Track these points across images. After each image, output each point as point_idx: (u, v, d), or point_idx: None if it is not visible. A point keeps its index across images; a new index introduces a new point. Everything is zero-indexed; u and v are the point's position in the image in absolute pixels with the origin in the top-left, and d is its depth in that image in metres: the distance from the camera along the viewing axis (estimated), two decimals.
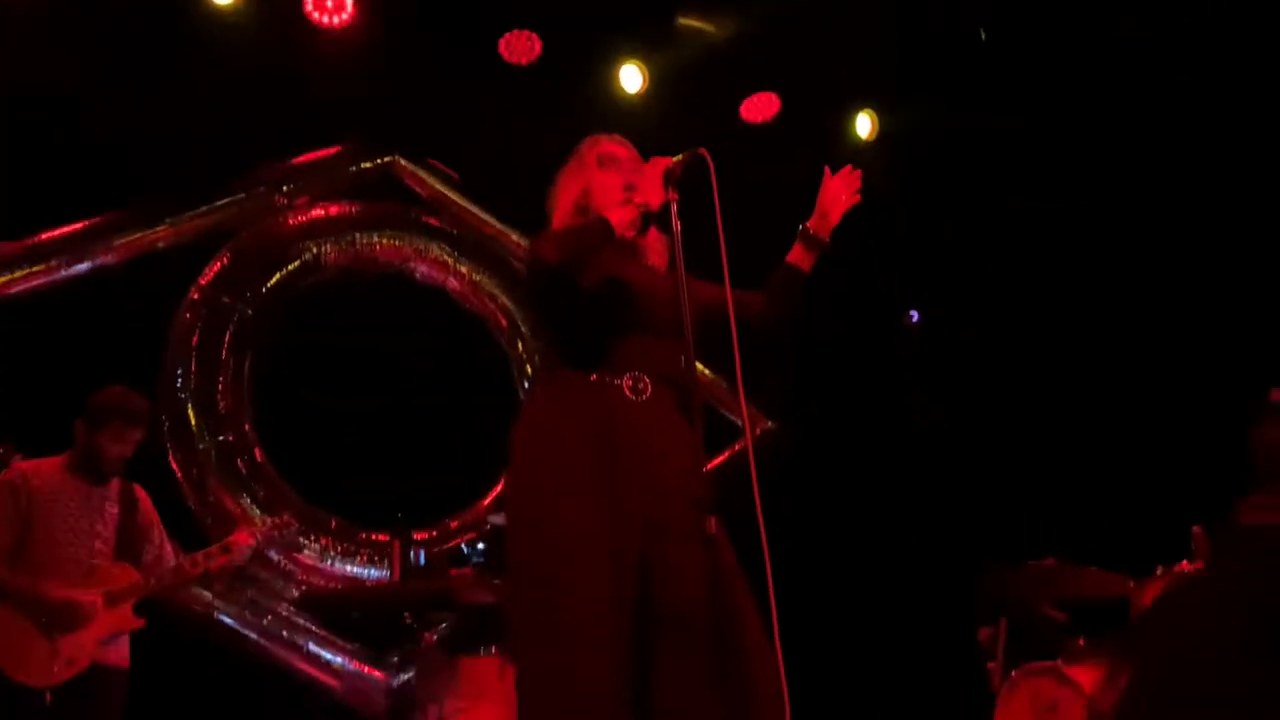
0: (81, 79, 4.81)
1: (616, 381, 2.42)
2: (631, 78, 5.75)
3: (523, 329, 5.83)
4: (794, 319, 2.71)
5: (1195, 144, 5.24)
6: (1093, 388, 5.60)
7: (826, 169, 2.73)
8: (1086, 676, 3.58)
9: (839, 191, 2.71)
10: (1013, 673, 3.81)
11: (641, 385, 2.43)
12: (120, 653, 3.71)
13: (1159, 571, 3.55)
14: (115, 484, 3.85)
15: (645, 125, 5.52)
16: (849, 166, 2.73)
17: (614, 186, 2.61)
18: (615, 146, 2.71)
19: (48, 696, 3.44)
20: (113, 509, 3.79)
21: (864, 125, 6.14)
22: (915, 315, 6.93)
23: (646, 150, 2.74)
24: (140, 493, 3.95)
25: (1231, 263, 5.10)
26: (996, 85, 5.71)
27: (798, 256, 2.71)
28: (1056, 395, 5.75)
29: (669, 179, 2.49)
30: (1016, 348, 5.95)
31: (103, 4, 4.84)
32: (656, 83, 5.75)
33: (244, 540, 3.96)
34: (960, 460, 5.93)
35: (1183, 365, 5.14)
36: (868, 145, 6.08)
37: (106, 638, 3.61)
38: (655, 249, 2.67)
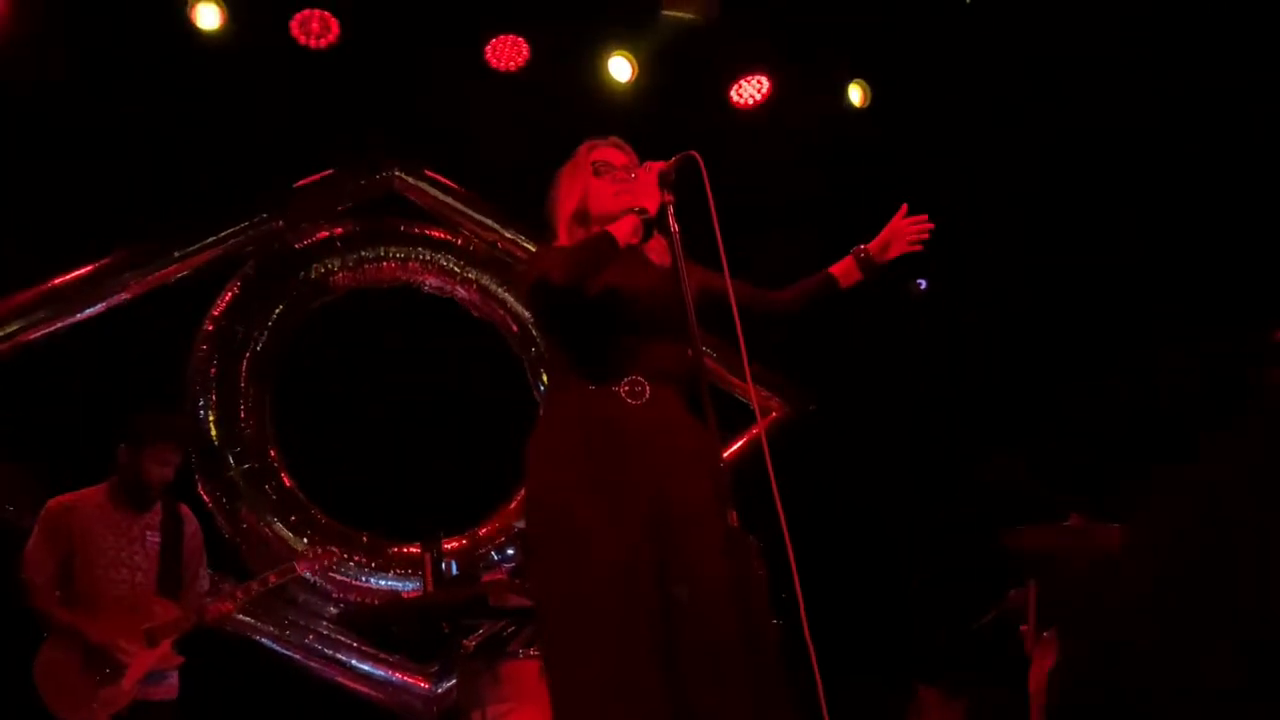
0: (70, 119, 4.85)
1: (614, 389, 2.46)
2: (620, 68, 5.76)
3: (534, 333, 5.88)
4: (803, 318, 2.76)
5: (1192, 111, 5.24)
6: (1095, 344, 5.62)
7: (904, 206, 2.74)
8: None
9: (905, 230, 2.73)
10: (1044, 634, 3.83)
11: (639, 389, 2.47)
12: (166, 687, 3.77)
13: None
14: (158, 510, 3.86)
15: (639, 114, 5.56)
16: (925, 215, 2.74)
17: (610, 193, 2.64)
18: (610, 151, 2.74)
19: None
20: (154, 538, 3.81)
21: (855, 95, 6.14)
22: (923, 284, 6.92)
23: (643, 139, 2.77)
24: (186, 513, 3.97)
25: (1230, 209, 5.12)
26: (991, 53, 5.72)
27: (843, 271, 2.74)
28: (1061, 355, 5.76)
29: (663, 183, 2.53)
30: (1019, 308, 5.96)
31: (84, 44, 4.86)
32: (646, 71, 5.76)
33: (289, 570, 4.11)
34: (971, 428, 5.95)
35: (1182, 317, 5.16)
36: (862, 113, 6.08)
37: (144, 678, 3.66)
38: (655, 247, 2.71)
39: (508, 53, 5.63)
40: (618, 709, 2.22)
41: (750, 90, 6.05)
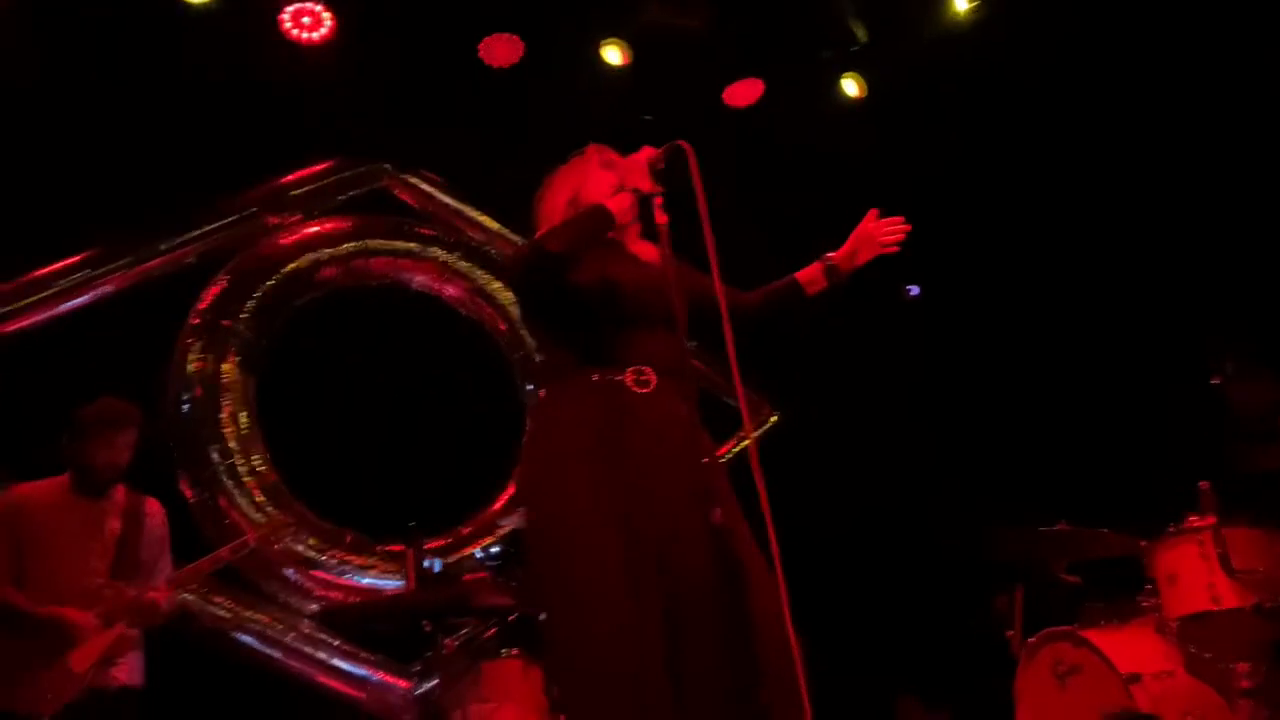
0: (59, 107, 4.80)
1: (619, 377, 2.42)
2: (614, 55, 5.75)
3: (522, 331, 5.85)
4: (784, 328, 2.71)
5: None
6: (1088, 353, 5.62)
7: (873, 211, 2.69)
8: (1104, 639, 3.58)
9: (876, 235, 2.68)
10: (1030, 639, 3.81)
11: (645, 378, 2.44)
12: (128, 673, 3.64)
13: (1170, 529, 3.56)
14: (120, 498, 3.78)
15: (633, 114, 5.54)
16: (900, 218, 2.68)
17: (608, 183, 2.63)
18: (616, 156, 2.74)
19: None
20: (113, 524, 3.72)
21: (851, 88, 6.12)
22: (914, 290, 6.91)
23: (636, 140, 2.75)
24: (152, 506, 3.88)
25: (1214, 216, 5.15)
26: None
27: (809, 279, 2.70)
28: (1054, 363, 5.76)
29: (653, 172, 2.51)
30: (1011, 316, 5.95)
31: (71, 33, 4.82)
32: (639, 72, 5.75)
33: (242, 545, 3.99)
34: (961, 433, 5.93)
35: (1174, 327, 5.17)
36: (857, 106, 6.06)
37: (100, 660, 3.54)
38: (645, 247, 2.69)
39: (502, 50, 5.61)
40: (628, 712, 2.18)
41: (744, 92, 6.05)
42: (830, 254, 2.69)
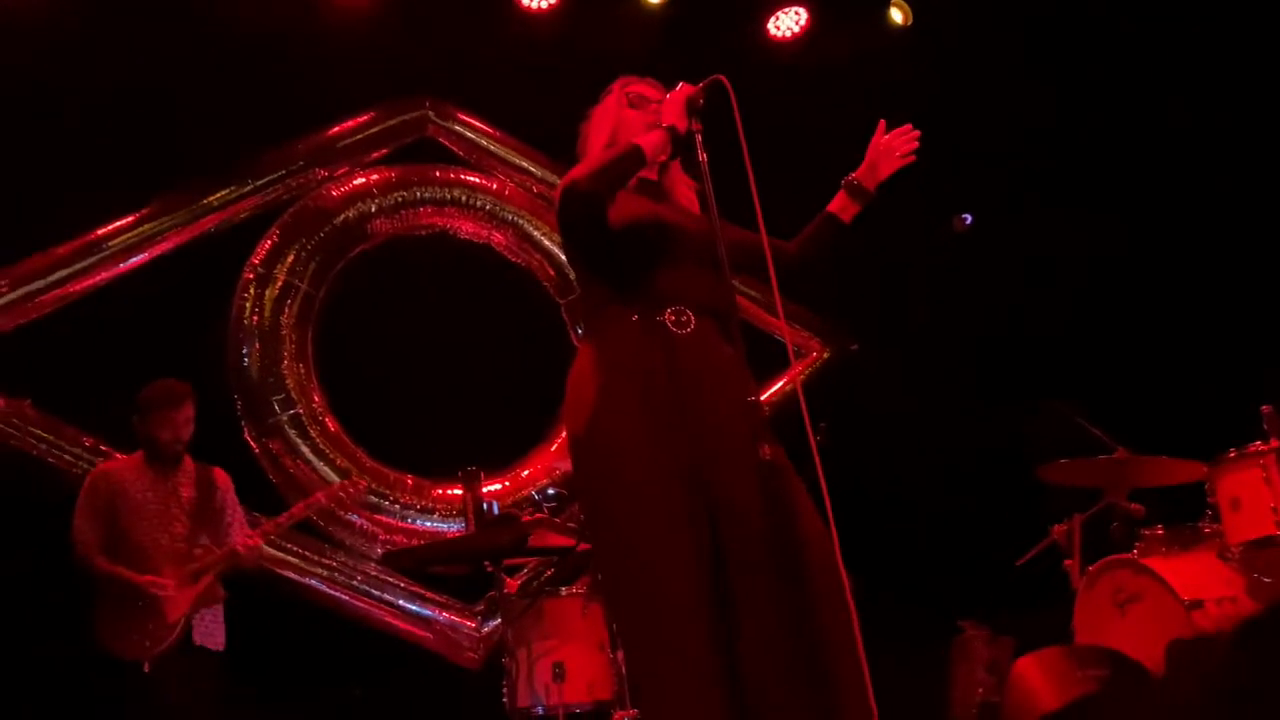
0: (106, 69, 4.85)
1: (659, 318, 2.41)
2: None
3: (570, 276, 5.86)
4: (828, 266, 2.68)
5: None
6: (1149, 277, 5.49)
7: (881, 123, 2.66)
8: (1165, 566, 3.55)
9: (892, 147, 2.65)
10: (1090, 568, 3.79)
11: (685, 318, 2.42)
12: (213, 637, 3.96)
13: (1232, 454, 3.49)
14: (190, 468, 4.08)
15: (673, 50, 5.47)
16: (909, 125, 2.66)
17: (644, 124, 2.59)
18: (646, 87, 2.69)
19: (146, 667, 3.74)
20: (187, 492, 4.03)
21: (897, 15, 5.98)
22: (968, 219, 6.77)
23: (678, 75, 2.71)
24: (219, 477, 4.16)
25: None
26: None
27: (840, 206, 2.67)
28: (1114, 286, 5.63)
29: (691, 108, 2.46)
30: (1069, 241, 5.82)
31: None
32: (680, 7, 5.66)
33: (311, 501, 4.29)
34: (1019, 359, 5.85)
35: (1241, 247, 5.02)
36: (903, 34, 5.91)
37: (190, 612, 3.85)
38: (684, 192, 2.67)
39: None
40: (684, 656, 2.20)
41: (788, 23, 5.93)
42: (852, 174, 2.67)
